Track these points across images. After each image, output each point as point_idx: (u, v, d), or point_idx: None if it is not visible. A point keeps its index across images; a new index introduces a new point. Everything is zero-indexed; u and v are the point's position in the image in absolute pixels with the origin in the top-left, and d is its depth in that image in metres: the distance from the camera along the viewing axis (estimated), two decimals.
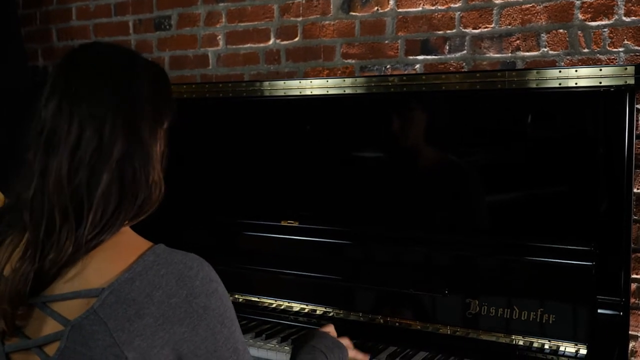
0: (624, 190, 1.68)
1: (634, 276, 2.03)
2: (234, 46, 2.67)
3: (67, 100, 1.00)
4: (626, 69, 1.70)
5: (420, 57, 2.30)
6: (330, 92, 2.09)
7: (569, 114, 1.79)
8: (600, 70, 1.73)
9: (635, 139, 1.84)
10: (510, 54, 2.16)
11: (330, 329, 1.45)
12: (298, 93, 2.15)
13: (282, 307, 2.01)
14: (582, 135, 1.79)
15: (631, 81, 1.68)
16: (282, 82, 2.20)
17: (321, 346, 1.32)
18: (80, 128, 0.98)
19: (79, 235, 0.96)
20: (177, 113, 1.14)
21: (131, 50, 1.12)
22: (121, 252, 0.98)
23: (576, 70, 1.76)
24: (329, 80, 2.11)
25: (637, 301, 2.04)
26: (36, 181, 0.99)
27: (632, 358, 2.06)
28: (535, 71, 1.81)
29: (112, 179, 0.98)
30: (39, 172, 0.99)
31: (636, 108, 1.87)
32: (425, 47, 2.29)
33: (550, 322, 1.65)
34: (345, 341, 1.44)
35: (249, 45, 2.64)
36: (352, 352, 1.49)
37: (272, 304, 2.06)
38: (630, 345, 2.04)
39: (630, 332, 1.97)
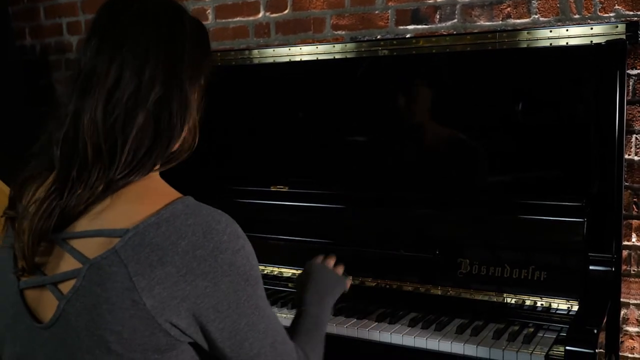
0: (615, 151, 1.67)
1: (625, 243, 2.02)
2: (223, 20, 2.65)
3: (108, 43, 0.99)
4: (617, 26, 1.70)
5: (410, 27, 2.28)
6: (320, 59, 2.08)
7: (560, 73, 1.79)
8: (592, 29, 1.73)
9: (627, 104, 1.84)
10: (501, 22, 2.15)
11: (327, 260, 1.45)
12: (287, 60, 2.13)
13: (274, 273, 1.99)
14: (574, 95, 1.78)
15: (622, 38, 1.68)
16: (272, 49, 2.19)
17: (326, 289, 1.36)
18: (119, 69, 0.97)
19: (110, 174, 0.95)
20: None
21: (175, 1, 1.10)
22: (150, 196, 0.97)
23: (567, 30, 1.75)
24: (319, 46, 2.09)
25: (628, 268, 2.03)
26: (70, 120, 0.98)
27: (624, 325, 2.06)
28: (526, 32, 1.81)
29: (148, 121, 0.97)
30: (73, 112, 0.98)
31: (627, 73, 1.87)
32: (416, 17, 2.28)
33: (542, 279, 1.65)
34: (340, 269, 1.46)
35: (238, 18, 2.62)
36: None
37: (263, 270, 2.04)
38: (622, 312, 2.03)
39: (622, 300, 1.96)
